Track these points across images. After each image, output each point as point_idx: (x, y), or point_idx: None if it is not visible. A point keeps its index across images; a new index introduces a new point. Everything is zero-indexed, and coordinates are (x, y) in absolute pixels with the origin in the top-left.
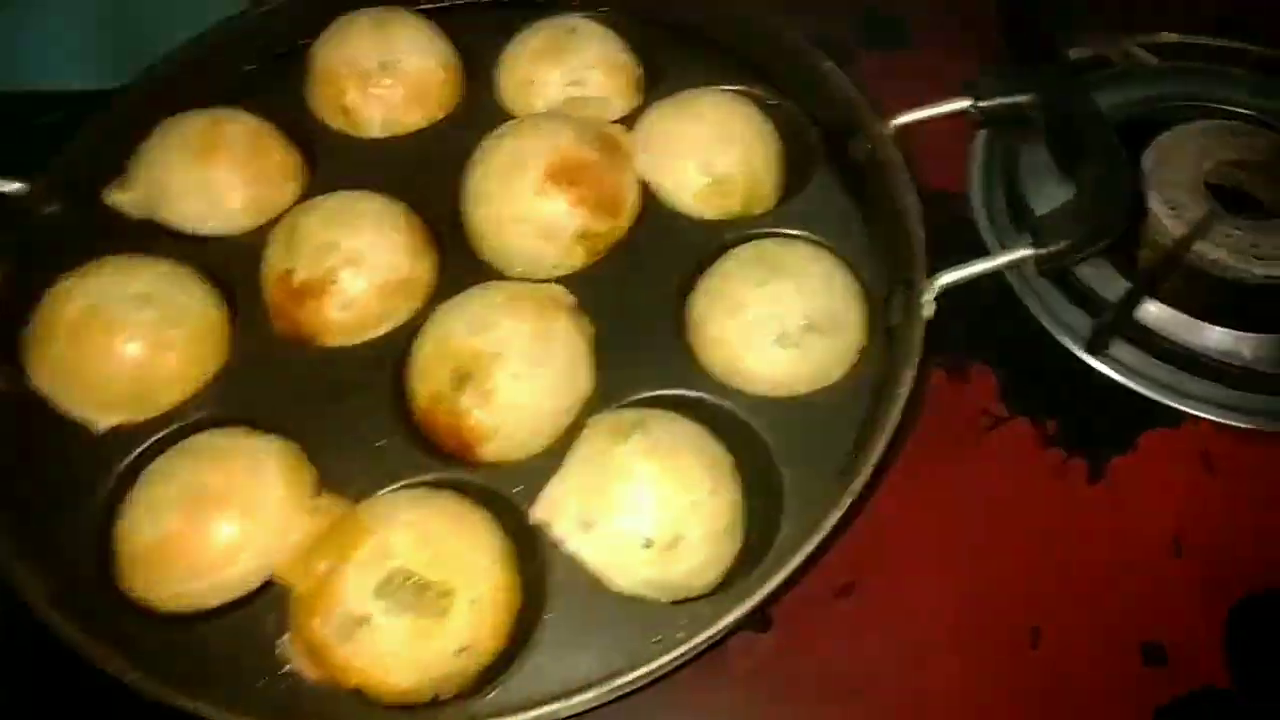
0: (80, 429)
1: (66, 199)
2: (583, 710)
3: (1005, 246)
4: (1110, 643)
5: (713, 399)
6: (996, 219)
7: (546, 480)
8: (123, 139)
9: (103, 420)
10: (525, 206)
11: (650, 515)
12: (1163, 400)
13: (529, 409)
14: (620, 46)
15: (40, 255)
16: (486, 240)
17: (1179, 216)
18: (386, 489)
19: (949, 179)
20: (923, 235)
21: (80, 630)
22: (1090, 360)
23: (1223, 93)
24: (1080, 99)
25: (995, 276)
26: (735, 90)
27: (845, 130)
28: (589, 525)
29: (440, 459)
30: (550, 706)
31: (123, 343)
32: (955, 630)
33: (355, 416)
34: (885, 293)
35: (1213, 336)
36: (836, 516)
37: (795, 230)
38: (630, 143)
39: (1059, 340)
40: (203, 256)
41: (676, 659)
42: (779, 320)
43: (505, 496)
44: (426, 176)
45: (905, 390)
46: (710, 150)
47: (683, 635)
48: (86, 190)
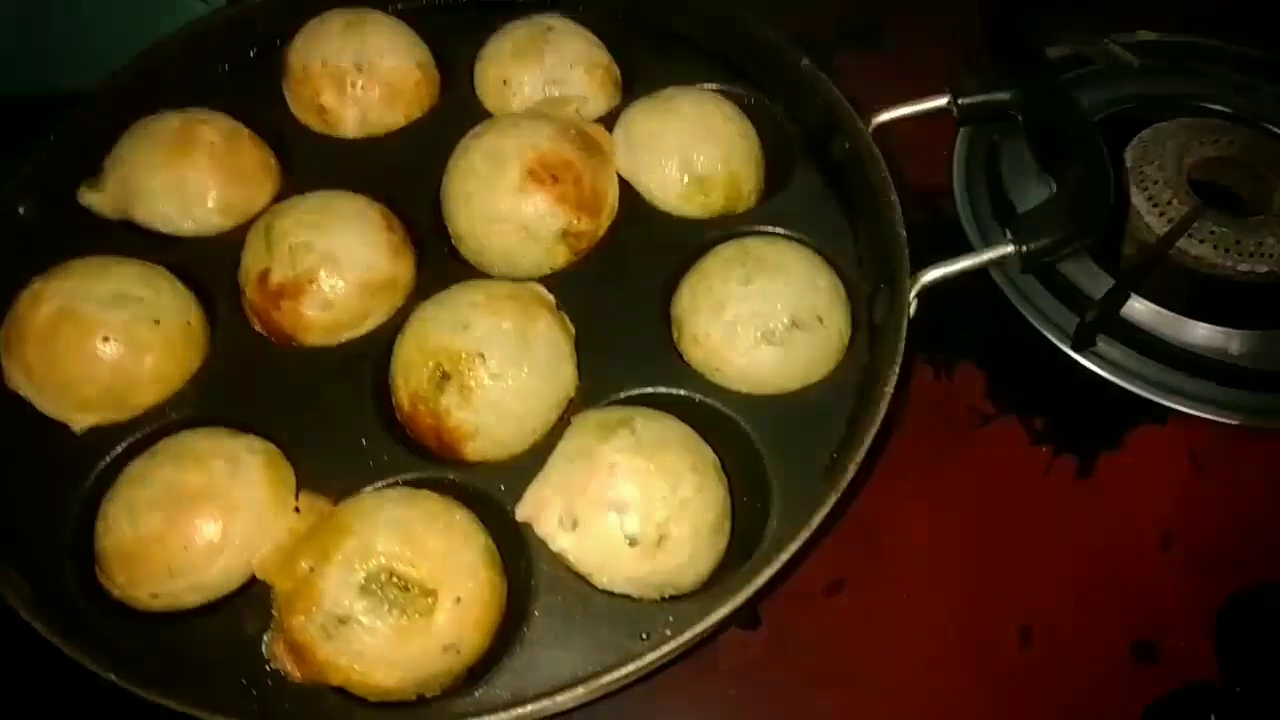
0: (59, 429)
1: (38, 199)
2: (570, 708)
3: (989, 244)
4: (1100, 639)
5: (698, 397)
6: (980, 217)
7: (531, 479)
8: (96, 139)
9: (81, 420)
10: (505, 205)
11: (636, 513)
12: (1149, 396)
13: (511, 408)
14: (598, 45)
15: (12, 256)
16: (466, 240)
17: (1162, 213)
18: (369, 488)
19: (932, 178)
20: (904, 233)
21: (60, 630)
22: (1077, 357)
23: (1202, 90)
24: (1061, 96)
25: (980, 274)
26: (715, 89)
27: (825, 128)
28: (574, 523)
29: (423, 458)
30: (537, 704)
31: (97, 343)
32: (945, 628)
33: (336, 416)
34: (869, 290)
35: (1197, 332)
36: (823, 514)
37: (777, 228)
38: (610, 142)
39: (1045, 337)
40: (178, 257)
41: (663, 657)
42: (763, 318)
43: (489, 495)
44: (404, 176)
45: (890, 387)
46: (691, 149)
47: (670, 633)
48: (59, 190)
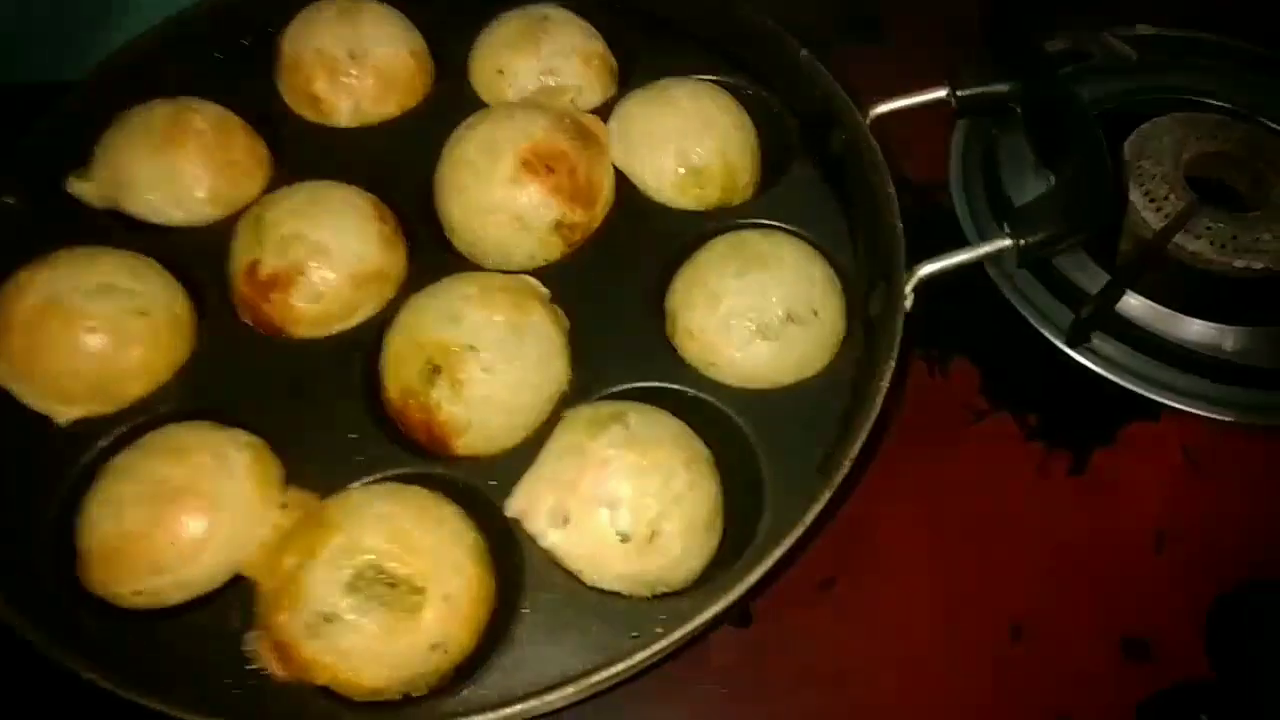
0: (42, 421)
1: (26, 188)
2: (559, 707)
3: (985, 238)
4: (1092, 637)
5: (691, 391)
6: (976, 210)
7: (521, 474)
8: (85, 127)
9: (65, 413)
10: (499, 196)
11: (628, 509)
12: (1144, 393)
13: (503, 402)
14: (595, 35)
15: None
16: (459, 231)
17: (1159, 209)
18: (356, 483)
19: (928, 171)
20: (901, 226)
21: (40, 628)
22: (1071, 353)
23: (1200, 85)
24: (1061, 89)
25: (976, 269)
26: (712, 80)
27: (823, 120)
28: (565, 520)
29: (412, 453)
30: (526, 704)
31: (83, 334)
32: (937, 625)
33: (324, 410)
34: (865, 284)
35: (1193, 329)
36: (817, 510)
37: (774, 221)
38: (606, 132)
39: (1040, 333)
40: (167, 247)
41: (654, 655)
42: (758, 312)
43: (479, 491)
44: (397, 166)
45: (886, 382)
46: (687, 140)
47: (661, 631)
48: (47, 180)
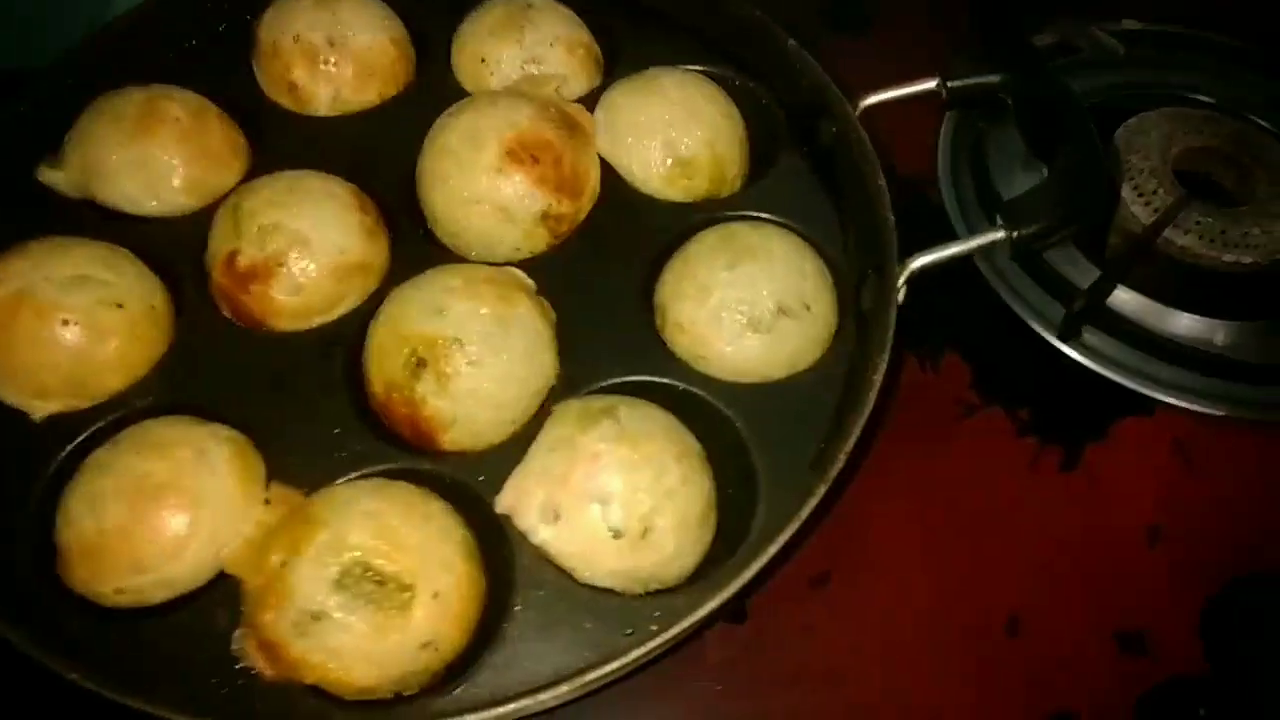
0: (17, 416)
1: None
2: (552, 706)
3: (974, 231)
4: (1088, 631)
5: (682, 385)
6: (965, 205)
7: (511, 469)
8: (56, 115)
9: (40, 408)
10: (483, 186)
11: (620, 505)
12: (1135, 387)
13: (489, 396)
14: (579, 24)
15: None
16: (442, 222)
17: (1148, 203)
18: (342, 479)
19: (916, 166)
20: (893, 218)
21: (19, 626)
22: (1063, 347)
23: (1187, 80)
24: (1052, 80)
25: (966, 264)
26: (700, 70)
27: (812, 111)
28: (556, 515)
29: (398, 448)
30: (518, 703)
31: (56, 327)
32: (932, 619)
33: (307, 404)
34: (855, 277)
35: (1183, 323)
36: (812, 505)
37: (763, 213)
38: (591, 122)
39: (1031, 328)
40: (142, 238)
41: (649, 653)
42: (749, 304)
43: (468, 486)
44: (378, 156)
45: (879, 376)
46: (675, 130)
47: (655, 628)
48: (17, 169)
